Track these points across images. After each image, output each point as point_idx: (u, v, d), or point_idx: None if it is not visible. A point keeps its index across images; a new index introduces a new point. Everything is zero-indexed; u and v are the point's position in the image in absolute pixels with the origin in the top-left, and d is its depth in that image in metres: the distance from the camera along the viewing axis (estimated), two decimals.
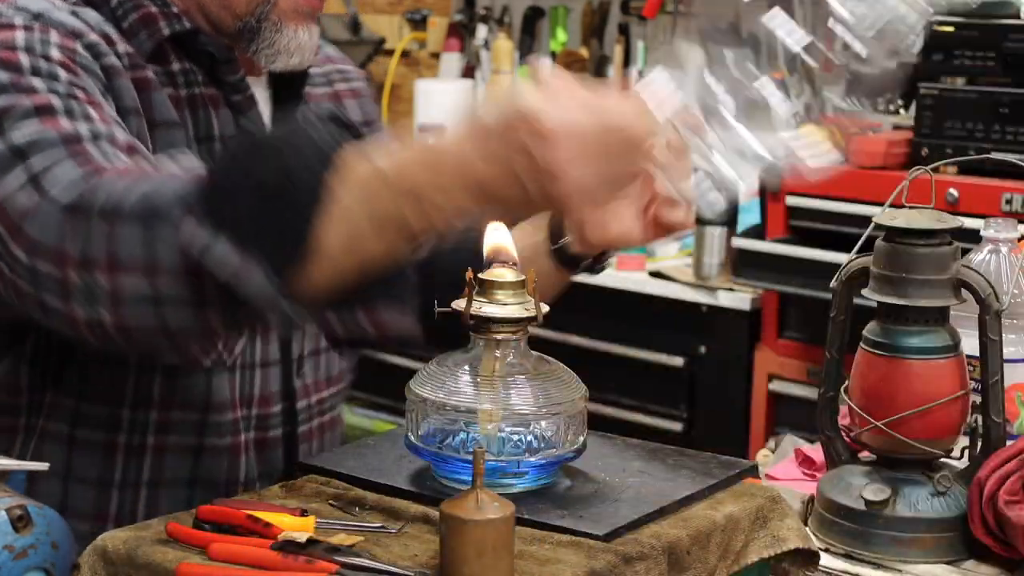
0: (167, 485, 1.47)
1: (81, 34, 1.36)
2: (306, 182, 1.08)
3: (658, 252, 4.01)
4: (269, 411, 1.52)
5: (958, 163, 3.12)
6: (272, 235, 1.08)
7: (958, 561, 1.51)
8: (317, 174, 1.08)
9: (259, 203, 1.08)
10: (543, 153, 1.05)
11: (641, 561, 1.17)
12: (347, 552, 1.13)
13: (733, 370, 3.71)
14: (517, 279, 1.27)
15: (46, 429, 1.45)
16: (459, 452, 1.26)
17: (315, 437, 1.58)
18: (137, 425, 1.45)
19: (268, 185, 1.07)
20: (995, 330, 1.52)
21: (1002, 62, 3.17)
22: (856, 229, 3.20)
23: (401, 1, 5.10)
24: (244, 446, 1.50)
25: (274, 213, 1.08)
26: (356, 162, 1.10)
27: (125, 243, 1.14)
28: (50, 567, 1.19)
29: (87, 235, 1.15)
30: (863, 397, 1.54)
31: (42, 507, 1.20)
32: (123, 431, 1.45)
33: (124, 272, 1.14)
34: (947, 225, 1.52)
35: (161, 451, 1.46)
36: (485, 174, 1.07)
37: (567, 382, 1.29)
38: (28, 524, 1.17)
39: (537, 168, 1.05)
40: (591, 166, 1.07)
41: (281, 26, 1.44)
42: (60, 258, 1.16)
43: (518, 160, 1.06)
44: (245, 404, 1.49)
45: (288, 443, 1.55)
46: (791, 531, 1.33)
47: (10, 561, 1.15)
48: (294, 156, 1.08)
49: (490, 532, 1.08)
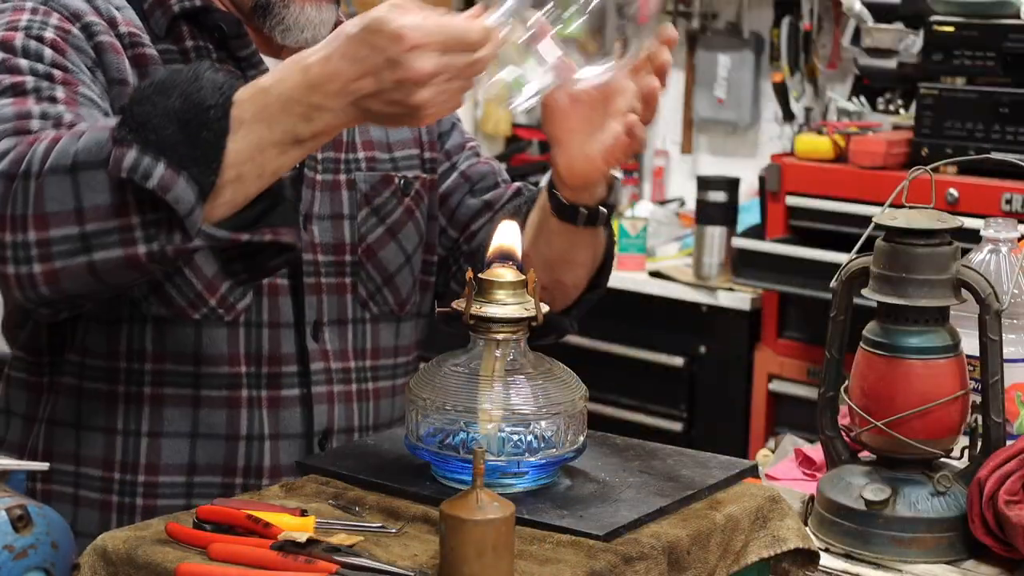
0: (167, 436, 1.54)
1: (80, 15, 1.50)
2: (212, 107, 1.26)
3: (658, 252, 4.02)
4: (281, 370, 1.56)
5: (958, 163, 3.13)
6: (191, 149, 1.26)
7: (958, 561, 1.51)
8: (220, 100, 1.27)
9: (175, 125, 1.26)
10: (391, 47, 1.24)
11: (641, 561, 1.17)
12: (347, 552, 1.13)
13: (733, 370, 3.71)
14: (517, 279, 1.27)
15: (61, 384, 1.57)
16: (459, 452, 1.26)
17: (338, 402, 1.60)
18: (133, 376, 1.54)
19: (180, 111, 1.26)
20: (995, 330, 1.52)
21: (1002, 62, 3.17)
22: (856, 229, 3.22)
23: None
24: (248, 401, 1.55)
25: (190, 132, 1.26)
26: (246, 89, 1.30)
27: (51, 198, 1.29)
28: (50, 567, 1.19)
29: (16, 198, 1.30)
30: (863, 397, 1.54)
31: (42, 507, 1.20)
32: (121, 382, 1.54)
33: (53, 224, 1.29)
34: (947, 225, 1.52)
35: (158, 401, 1.53)
36: (348, 73, 1.26)
37: (567, 382, 1.30)
38: (28, 524, 1.17)
39: (388, 60, 1.24)
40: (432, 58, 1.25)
41: (288, 2, 1.55)
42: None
43: (372, 58, 1.25)
44: (252, 361, 1.55)
45: (305, 405, 1.58)
46: (791, 531, 1.33)
47: (10, 561, 1.15)
48: (197, 90, 1.27)
49: (490, 532, 1.08)
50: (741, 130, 4.29)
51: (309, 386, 1.58)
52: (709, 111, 4.31)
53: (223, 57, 1.56)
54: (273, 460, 1.55)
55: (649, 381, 3.86)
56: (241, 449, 1.54)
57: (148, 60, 1.51)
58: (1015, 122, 3.14)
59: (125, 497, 1.54)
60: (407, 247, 1.67)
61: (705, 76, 4.30)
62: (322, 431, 1.58)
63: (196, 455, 1.53)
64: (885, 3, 3.54)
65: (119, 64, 1.49)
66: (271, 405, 1.56)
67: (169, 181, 1.25)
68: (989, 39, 3.18)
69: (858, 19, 3.54)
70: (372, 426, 1.64)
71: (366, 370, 1.64)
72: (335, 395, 1.60)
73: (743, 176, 3.98)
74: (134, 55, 1.51)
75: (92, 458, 1.55)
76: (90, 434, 1.56)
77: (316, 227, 1.58)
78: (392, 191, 1.66)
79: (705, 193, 3.75)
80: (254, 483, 1.54)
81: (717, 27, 4.29)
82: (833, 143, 3.42)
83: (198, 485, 1.54)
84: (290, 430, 1.57)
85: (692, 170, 4.40)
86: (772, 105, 4.14)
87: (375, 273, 1.64)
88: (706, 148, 4.42)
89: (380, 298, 1.65)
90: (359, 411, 1.63)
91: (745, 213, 3.84)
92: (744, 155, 4.31)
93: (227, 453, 1.54)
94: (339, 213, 1.61)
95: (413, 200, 1.68)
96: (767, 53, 4.19)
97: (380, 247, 1.64)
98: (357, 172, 1.63)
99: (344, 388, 1.61)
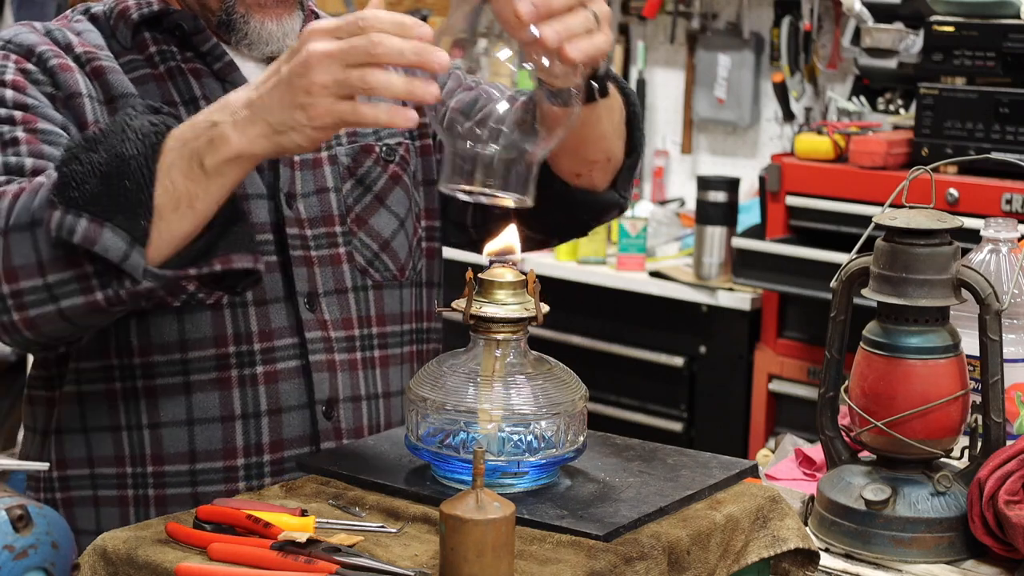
0: (166, 425, 1.56)
1: (33, 49, 1.55)
2: (133, 156, 1.32)
3: (658, 252, 4.02)
4: (274, 344, 1.57)
5: (958, 163, 3.13)
6: (113, 200, 1.31)
7: (958, 561, 1.51)
8: (144, 148, 1.32)
9: (97, 179, 1.32)
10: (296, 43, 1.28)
11: (641, 561, 1.17)
12: (347, 552, 1.13)
13: (733, 370, 3.71)
14: (517, 279, 1.27)
15: (65, 393, 1.60)
16: (459, 452, 1.26)
17: (341, 370, 1.61)
18: (125, 371, 1.56)
19: (103, 163, 1.32)
20: (995, 330, 1.52)
21: (1002, 62, 3.17)
22: (856, 229, 3.23)
23: (401, 1, 5.10)
24: (240, 380, 1.56)
25: (116, 187, 1.31)
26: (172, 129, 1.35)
27: (17, 252, 1.37)
28: (50, 567, 1.19)
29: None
30: (863, 397, 1.54)
31: (42, 507, 1.20)
32: (116, 379, 1.57)
33: (22, 277, 1.37)
34: (947, 225, 1.52)
35: (152, 392, 1.56)
36: (256, 80, 1.32)
37: (567, 382, 1.30)
38: (28, 524, 1.17)
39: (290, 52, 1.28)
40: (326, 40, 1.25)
41: (248, 17, 1.58)
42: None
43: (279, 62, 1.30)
44: (243, 340, 1.56)
45: (304, 375, 1.59)
46: (791, 531, 1.33)
47: (10, 561, 1.15)
48: (121, 141, 1.32)
49: (490, 532, 1.08)
50: (741, 130, 4.29)
51: (307, 356, 1.58)
52: (709, 111, 4.31)
53: (189, 56, 1.59)
54: (274, 435, 1.55)
55: (649, 381, 3.86)
56: (238, 428, 1.55)
57: (106, 70, 1.56)
58: (1015, 122, 3.14)
59: (139, 490, 1.56)
60: (399, 212, 1.68)
61: (705, 76, 4.30)
62: (325, 400, 1.58)
63: (195, 441, 1.55)
64: (885, 3, 3.54)
65: (72, 79, 1.53)
66: (268, 380, 1.57)
67: (93, 234, 1.31)
68: (989, 39, 3.18)
69: (858, 19, 3.54)
70: (382, 394, 1.64)
71: (372, 337, 1.65)
72: (336, 363, 1.60)
73: (743, 176, 3.98)
74: (91, 68, 1.56)
75: (104, 457, 1.57)
76: (98, 435, 1.58)
77: (301, 204, 1.60)
78: (374, 160, 1.66)
79: (705, 193, 3.75)
80: (255, 461, 1.55)
81: (717, 27, 4.29)
82: (833, 143, 3.42)
83: (201, 472, 1.55)
84: (291, 402, 1.57)
85: (692, 170, 4.40)
86: (772, 105, 4.14)
87: (369, 240, 1.64)
88: (706, 148, 4.42)
89: (379, 264, 1.66)
90: (365, 379, 1.63)
91: (745, 213, 3.84)
92: (744, 155, 4.31)
93: (224, 435, 1.55)
94: (323, 187, 1.62)
95: (398, 166, 1.68)
96: (767, 53, 4.19)
97: (370, 214, 1.65)
98: (338, 147, 1.65)
99: (348, 356, 1.61)
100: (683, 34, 4.35)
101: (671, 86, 4.45)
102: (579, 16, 1.28)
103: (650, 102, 4.49)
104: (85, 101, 1.53)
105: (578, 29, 1.28)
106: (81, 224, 1.31)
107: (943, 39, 3.24)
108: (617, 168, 1.64)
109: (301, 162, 1.61)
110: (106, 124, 1.38)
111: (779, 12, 4.05)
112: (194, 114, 1.48)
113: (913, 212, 1.54)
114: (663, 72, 4.47)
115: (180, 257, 1.35)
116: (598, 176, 1.62)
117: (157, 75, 1.58)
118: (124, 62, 1.58)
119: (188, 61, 1.60)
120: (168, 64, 1.59)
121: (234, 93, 1.34)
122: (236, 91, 1.34)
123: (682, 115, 4.42)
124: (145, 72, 1.58)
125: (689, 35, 4.34)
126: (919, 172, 1.60)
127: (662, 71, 4.48)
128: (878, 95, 3.65)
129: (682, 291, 3.75)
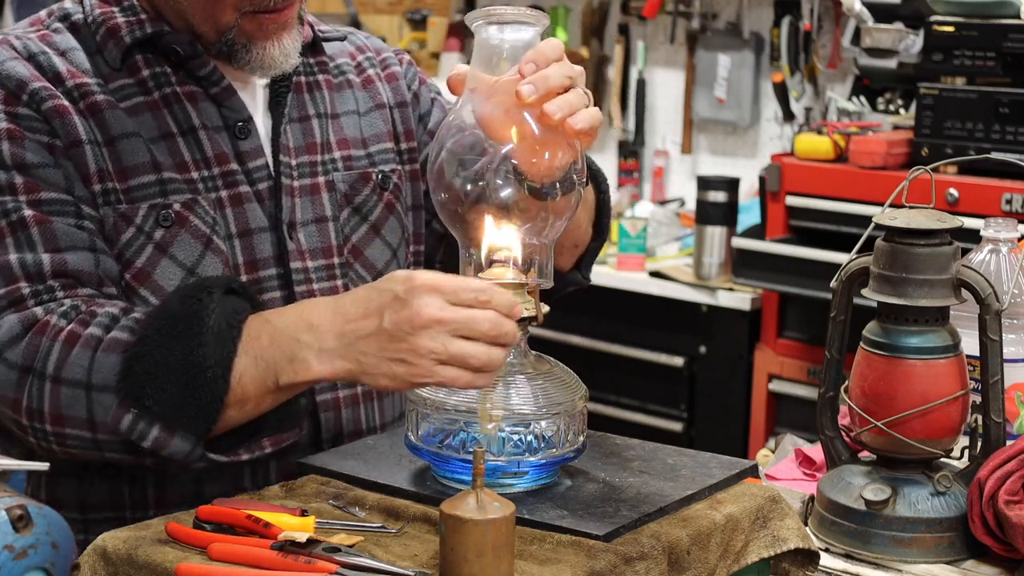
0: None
1: (24, 85, 1.48)
2: (210, 367, 1.33)
3: (658, 252, 4.02)
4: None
5: (958, 163, 3.13)
6: (189, 411, 1.34)
7: (958, 561, 1.51)
8: (222, 354, 1.34)
9: (176, 389, 1.34)
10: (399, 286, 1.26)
11: (641, 561, 1.17)
12: (347, 552, 1.13)
13: (733, 370, 3.71)
14: (517, 279, 1.27)
15: None
16: (459, 452, 1.26)
17: (344, 407, 1.60)
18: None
19: (180, 370, 1.34)
20: (995, 330, 1.52)
21: (1002, 62, 3.17)
22: (856, 229, 3.23)
23: (401, 1, 5.10)
24: None
25: (190, 397, 1.34)
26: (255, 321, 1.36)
27: (68, 405, 1.37)
28: (50, 567, 1.19)
29: (31, 391, 1.38)
30: (863, 397, 1.54)
31: (42, 507, 1.20)
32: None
33: (69, 425, 1.38)
34: (947, 225, 1.52)
35: None
36: (351, 312, 1.30)
37: (567, 382, 1.30)
38: (28, 524, 1.17)
39: (395, 298, 1.26)
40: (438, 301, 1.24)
41: (250, 45, 1.54)
42: (15, 406, 1.39)
43: (379, 298, 1.27)
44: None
45: (311, 415, 1.57)
46: (791, 531, 1.33)
47: (10, 561, 1.15)
48: (199, 345, 1.33)
49: (490, 532, 1.08)
50: (741, 130, 4.29)
51: (313, 394, 1.57)
52: (709, 111, 4.31)
53: (183, 79, 1.55)
54: (280, 473, 1.53)
55: (649, 381, 3.86)
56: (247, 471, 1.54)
57: (102, 107, 1.50)
58: (1015, 122, 3.14)
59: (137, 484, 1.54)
60: (392, 242, 1.67)
61: (705, 76, 4.30)
62: (331, 438, 1.57)
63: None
64: (885, 3, 3.53)
65: (70, 124, 1.48)
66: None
67: (164, 442, 1.35)
68: (989, 39, 3.18)
69: (858, 19, 3.54)
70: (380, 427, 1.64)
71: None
72: (340, 400, 1.59)
73: (743, 176, 3.98)
74: (86, 105, 1.50)
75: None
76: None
77: (301, 233, 1.58)
78: (371, 188, 1.66)
79: (705, 193, 3.75)
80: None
81: (717, 27, 4.29)
82: (833, 143, 3.42)
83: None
84: (302, 440, 1.53)
85: (692, 170, 4.40)
86: (772, 105, 4.14)
87: (364, 272, 1.63)
88: (706, 148, 4.41)
89: None
90: (366, 413, 1.62)
91: (745, 213, 3.84)
92: (744, 155, 4.31)
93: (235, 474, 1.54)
94: (322, 216, 1.60)
95: (392, 194, 1.68)
96: (767, 53, 4.19)
97: (365, 245, 1.64)
98: (335, 172, 1.63)
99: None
100: (683, 34, 4.35)
101: (671, 86, 4.45)
102: (574, 93, 1.35)
103: (650, 102, 4.49)
104: (86, 149, 1.48)
105: (577, 104, 1.34)
106: (152, 433, 1.34)
107: (943, 39, 3.24)
108: (583, 252, 1.71)
109: (300, 188, 1.59)
110: (180, 302, 1.36)
111: (779, 12, 4.05)
112: (193, 145, 1.51)
113: (913, 212, 1.54)
114: (663, 72, 4.47)
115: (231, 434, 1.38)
116: (565, 260, 1.69)
117: (152, 103, 1.53)
118: (116, 87, 1.52)
119: (183, 84, 1.55)
120: (163, 91, 1.54)
121: (318, 309, 1.33)
122: (319, 307, 1.34)
123: (682, 115, 4.42)
124: (139, 101, 1.53)
125: (689, 35, 4.34)
126: (919, 172, 1.60)
127: (662, 71, 4.48)
128: (878, 95, 3.65)
129: (682, 291, 3.76)
